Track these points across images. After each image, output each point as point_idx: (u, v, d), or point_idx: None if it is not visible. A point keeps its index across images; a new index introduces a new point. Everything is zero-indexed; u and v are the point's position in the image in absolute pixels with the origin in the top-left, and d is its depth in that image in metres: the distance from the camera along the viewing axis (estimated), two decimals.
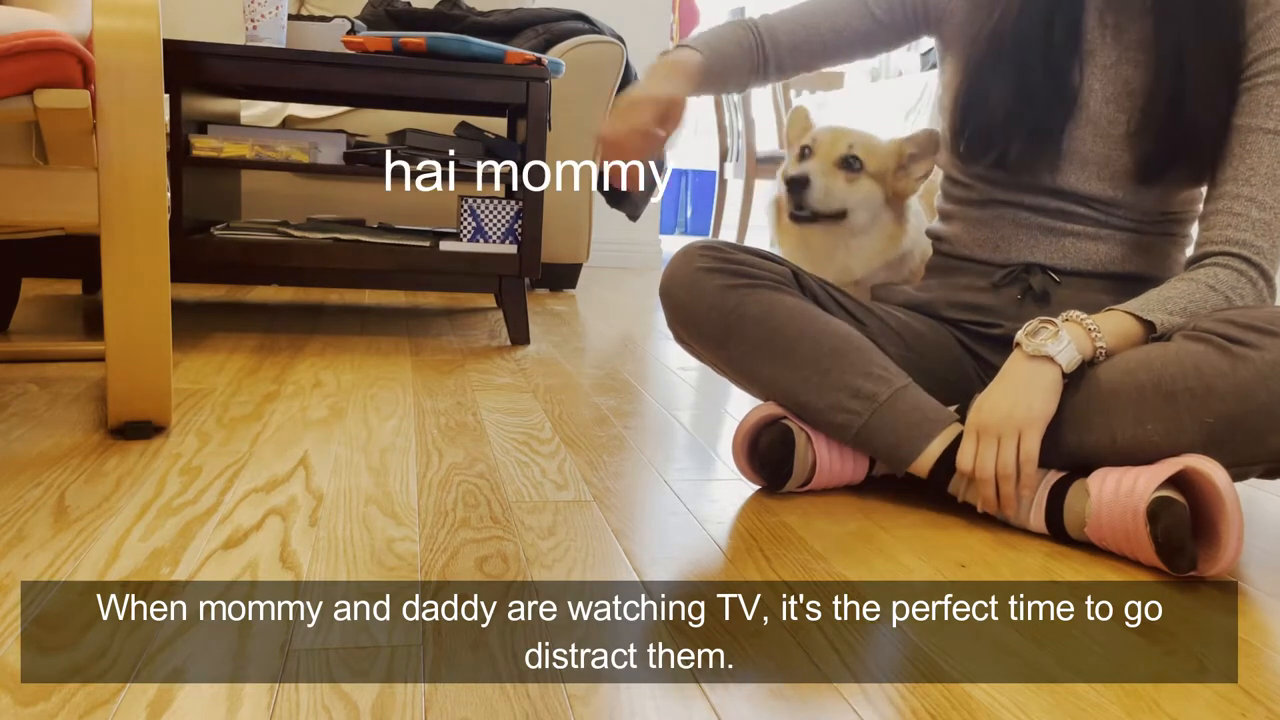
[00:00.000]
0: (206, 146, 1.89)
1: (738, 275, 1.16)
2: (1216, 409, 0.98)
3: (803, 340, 1.14)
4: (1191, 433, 0.99)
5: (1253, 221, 1.07)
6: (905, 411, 1.11)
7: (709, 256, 1.18)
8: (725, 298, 1.15)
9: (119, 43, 1.16)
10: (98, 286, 2.46)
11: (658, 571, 0.93)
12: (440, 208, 2.76)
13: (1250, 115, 1.09)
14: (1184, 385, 0.99)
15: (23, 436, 1.24)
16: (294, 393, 1.53)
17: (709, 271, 1.17)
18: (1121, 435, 1.03)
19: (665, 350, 2.11)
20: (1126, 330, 1.07)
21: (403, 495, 1.09)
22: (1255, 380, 0.96)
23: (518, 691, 0.70)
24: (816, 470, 1.15)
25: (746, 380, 1.19)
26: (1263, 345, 0.96)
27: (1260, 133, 1.08)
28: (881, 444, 1.12)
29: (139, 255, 1.20)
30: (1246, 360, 0.96)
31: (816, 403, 1.13)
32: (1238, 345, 0.97)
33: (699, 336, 1.19)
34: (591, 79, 2.72)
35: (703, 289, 1.16)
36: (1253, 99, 1.09)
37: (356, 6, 3.03)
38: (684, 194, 6.70)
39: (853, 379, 1.12)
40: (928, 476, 1.11)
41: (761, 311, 1.15)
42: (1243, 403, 0.97)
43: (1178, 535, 0.95)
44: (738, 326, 1.15)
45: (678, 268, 1.19)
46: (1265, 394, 0.96)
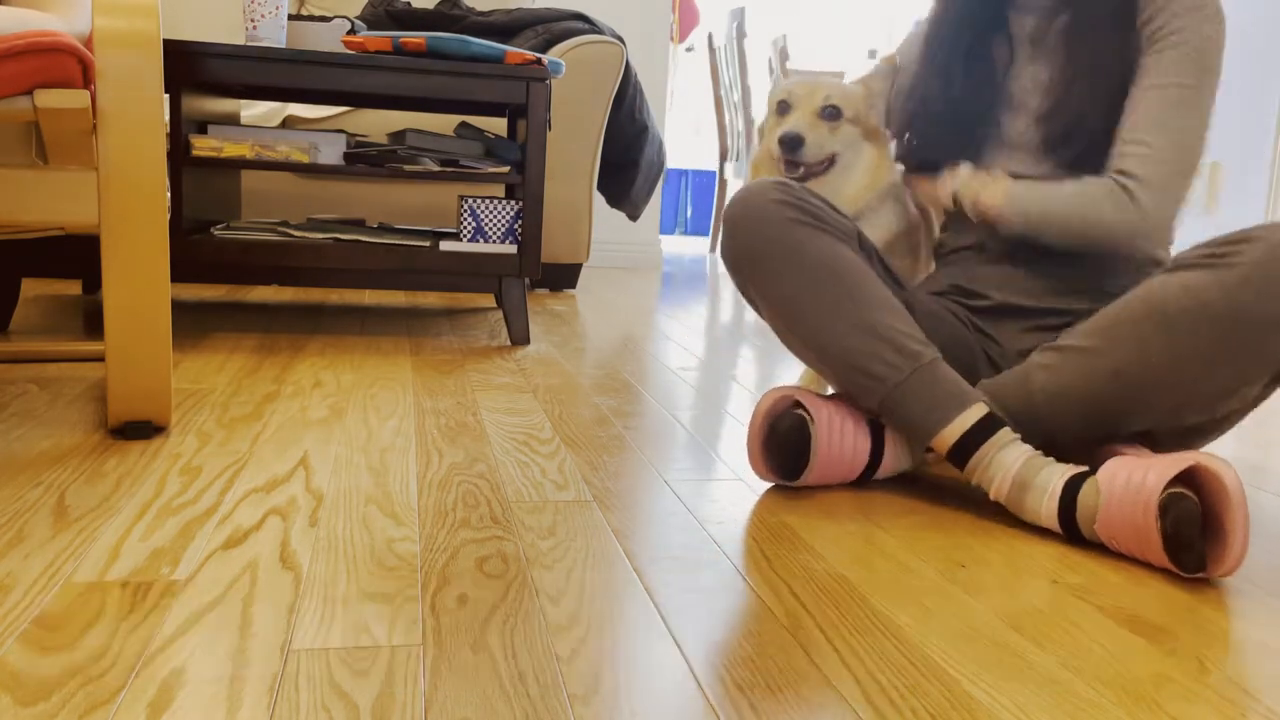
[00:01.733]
0: (206, 146, 1.89)
1: (809, 215, 1.18)
2: (1210, 316, 1.02)
3: (859, 289, 1.16)
4: (1193, 349, 1.03)
5: (1137, 157, 1.19)
6: (943, 379, 1.12)
7: (782, 191, 1.19)
8: (793, 231, 1.17)
9: (119, 43, 1.16)
10: (98, 286, 2.46)
11: (657, 571, 0.93)
12: (440, 208, 2.76)
13: (1143, 77, 1.22)
14: (1178, 306, 1.04)
15: (23, 436, 1.24)
16: (294, 393, 1.53)
17: (782, 204, 1.18)
18: (1127, 367, 1.07)
19: (665, 350, 2.11)
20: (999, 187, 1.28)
21: (403, 495, 1.09)
22: (1240, 281, 1.00)
23: (518, 691, 0.70)
24: (817, 460, 1.16)
25: (794, 317, 1.18)
26: (1241, 251, 1.02)
27: (1150, 89, 1.21)
28: (915, 406, 1.12)
29: (139, 255, 1.20)
30: (1230, 266, 1.01)
31: (861, 349, 1.14)
32: (1219, 259, 1.03)
33: (759, 266, 1.19)
34: (591, 79, 2.72)
35: (773, 219, 1.18)
36: (1144, 66, 1.22)
37: (356, 6, 3.03)
38: (684, 194, 6.70)
39: (899, 336, 1.14)
40: (948, 452, 1.12)
41: (824, 254, 1.17)
42: (1233, 305, 1.01)
43: (1187, 530, 0.95)
44: (801, 261, 1.17)
45: (750, 197, 1.20)
46: (1252, 293, 1.00)
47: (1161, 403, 1.07)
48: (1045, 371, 1.13)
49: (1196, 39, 1.19)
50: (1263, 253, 1.00)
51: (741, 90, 4.62)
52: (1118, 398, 1.08)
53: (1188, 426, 1.14)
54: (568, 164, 2.82)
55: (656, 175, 3.07)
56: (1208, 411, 1.08)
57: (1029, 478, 1.07)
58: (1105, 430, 1.12)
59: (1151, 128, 1.19)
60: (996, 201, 1.27)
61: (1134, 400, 1.07)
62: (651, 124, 2.96)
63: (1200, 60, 1.19)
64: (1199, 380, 1.04)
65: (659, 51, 3.71)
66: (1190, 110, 1.19)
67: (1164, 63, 1.20)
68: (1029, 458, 1.08)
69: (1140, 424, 1.11)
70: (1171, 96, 1.19)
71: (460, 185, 2.77)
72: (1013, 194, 1.26)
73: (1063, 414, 1.12)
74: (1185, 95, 1.19)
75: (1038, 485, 1.06)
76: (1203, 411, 1.08)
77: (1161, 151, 1.18)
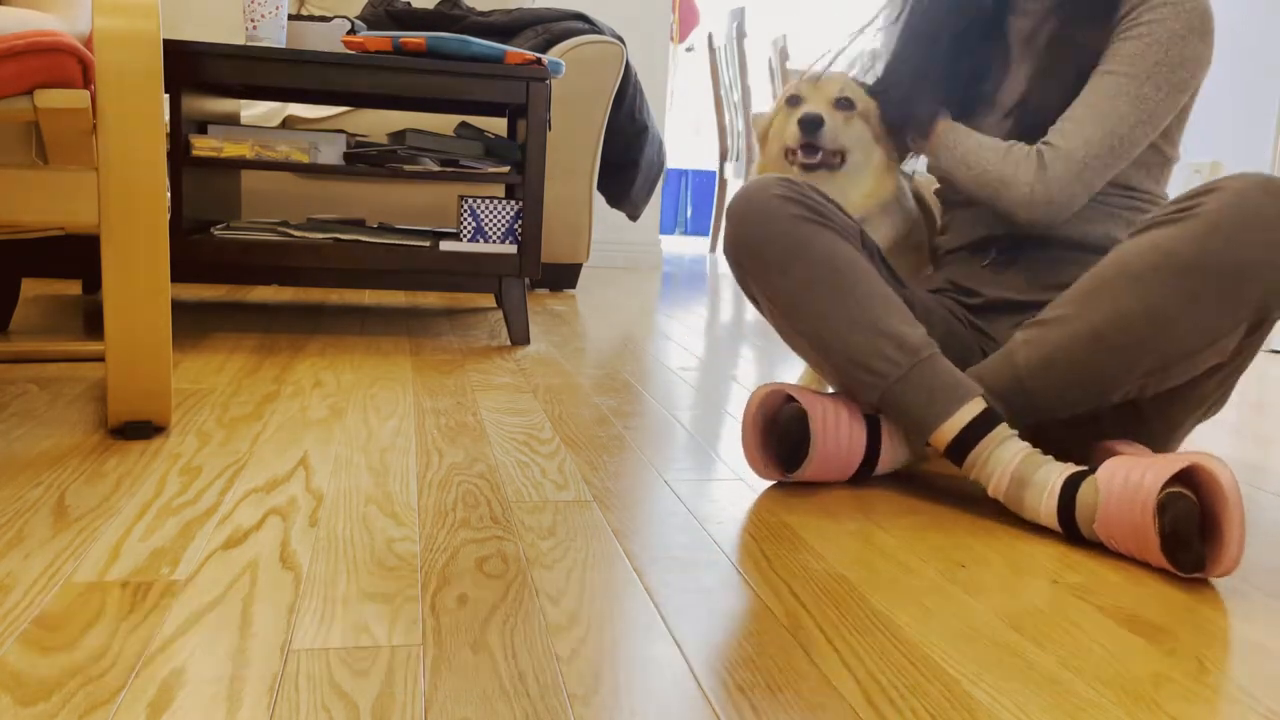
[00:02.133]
0: (206, 146, 1.89)
1: (813, 211, 1.19)
2: (1178, 266, 1.03)
3: (860, 284, 1.16)
4: (1166, 301, 1.04)
5: (1062, 131, 1.23)
6: (941, 372, 1.13)
7: (786, 187, 1.20)
8: (797, 227, 1.18)
9: (119, 43, 1.16)
10: (98, 286, 2.46)
11: (658, 571, 0.93)
12: (440, 208, 2.76)
13: (1100, 63, 1.24)
14: (1146, 262, 1.05)
15: (23, 436, 1.24)
16: (294, 393, 1.53)
17: (785, 200, 1.19)
18: (1105, 328, 1.08)
19: (665, 350, 2.11)
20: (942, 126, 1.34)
21: (403, 495, 1.09)
22: (1206, 229, 1.02)
23: (518, 691, 0.70)
24: (815, 453, 1.16)
25: (796, 312, 1.18)
26: (1203, 202, 1.03)
27: (1098, 74, 1.24)
28: (914, 400, 1.13)
29: (139, 255, 1.20)
30: (1194, 216, 1.03)
31: (862, 344, 1.14)
32: (1184, 212, 1.05)
33: (762, 261, 1.19)
34: (591, 79, 2.72)
35: (776, 214, 1.18)
36: (1106, 53, 1.24)
37: (356, 6, 3.03)
38: (684, 194, 6.70)
39: (900, 329, 1.14)
40: (946, 449, 1.12)
41: (827, 249, 1.17)
42: (1200, 252, 1.02)
43: (1185, 528, 0.95)
44: (804, 255, 1.17)
45: (754, 192, 1.21)
46: (1220, 239, 1.01)
47: (1141, 363, 1.08)
48: (1028, 346, 1.14)
49: (1161, 33, 1.20)
50: (1227, 200, 1.01)
51: (741, 90, 4.62)
52: (1100, 361, 1.09)
53: (1174, 394, 1.14)
54: (568, 164, 2.82)
55: (656, 175, 3.07)
56: (1190, 367, 1.08)
57: (1028, 475, 1.07)
58: (1093, 400, 1.13)
59: (1084, 108, 1.23)
60: (935, 134, 1.33)
61: (1116, 362, 1.08)
62: (651, 124, 2.97)
63: (1157, 54, 1.20)
64: (1175, 333, 1.05)
65: (659, 51, 3.71)
66: (1126, 98, 1.21)
67: (1119, 51, 1.22)
68: (1027, 454, 1.08)
69: (1125, 387, 1.11)
70: (1111, 84, 1.22)
71: (460, 185, 2.77)
72: (945, 132, 1.32)
73: (1049, 386, 1.12)
74: (1126, 84, 1.21)
75: (1036, 482, 1.07)
76: (1185, 367, 1.08)
77: (1085, 129, 1.21)
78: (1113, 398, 1.13)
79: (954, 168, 1.30)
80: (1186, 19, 1.19)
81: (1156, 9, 1.20)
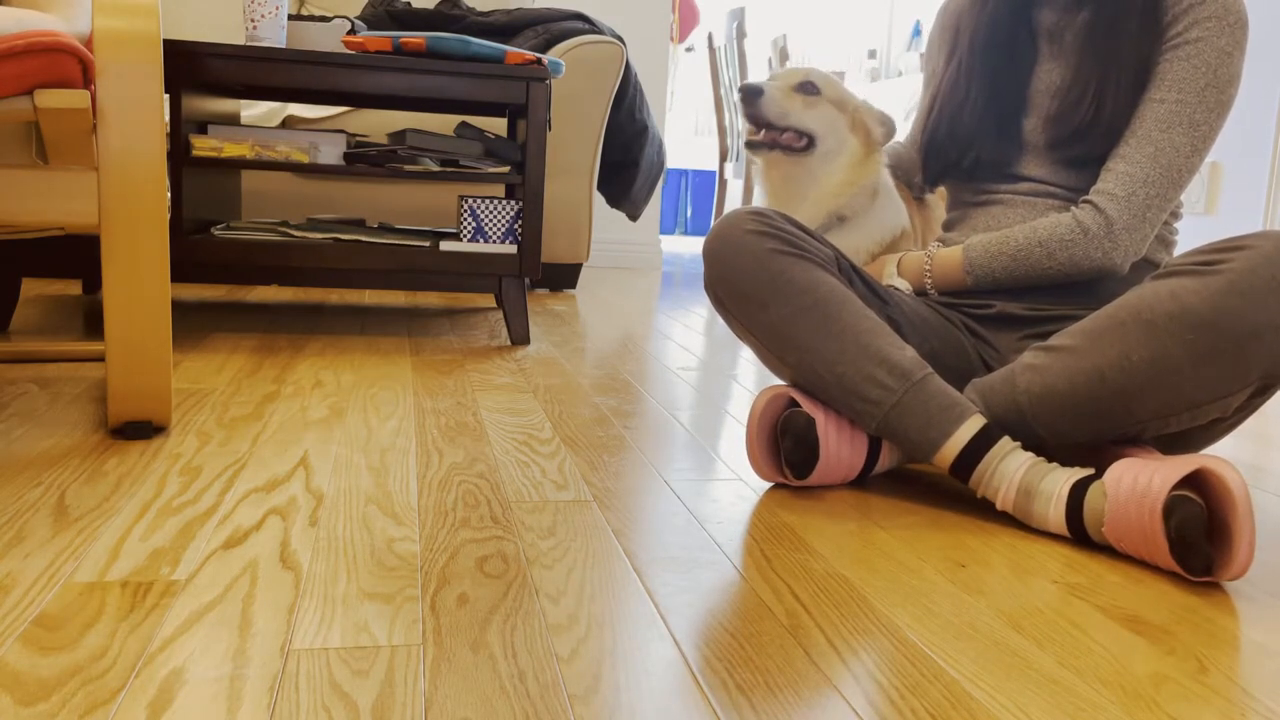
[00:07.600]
0: (206, 146, 1.89)
1: (786, 243, 1.18)
2: (1193, 321, 1.01)
3: (844, 313, 1.16)
4: (1175, 354, 1.02)
5: (1118, 175, 1.22)
6: (937, 393, 1.12)
7: (758, 221, 1.19)
8: (772, 261, 1.17)
9: (119, 43, 1.16)
10: (98, 286, 2.46)
11: (658, 571, 0.93)
12: (440, 208, 2.76)
13: (1151, 87, 1.22)
14: (1162, 310, 1.03)
15: (23, 436, 1.24)
16: (294, 393, 1.53)
17: (759, 235, 1.18)
18: (1109, 370, 1.06)
19: (665, 350, 2.11)
20: (953, 263, 1.32)
21: (403, 495, 1.09)
22: (1226, 288, 1.00)
23: (518, 691, 0.70)
24: (820, 461, 1.16)
25: (782, 346, 1.17)
26: (1230, 259, 1.01)
27: (1149, 102, 1.22)
28: (912, 424, 1.12)
29: (139, 255, 1.20)
30: (1217, 273, 1.01)
31: (852, 374, 1.14)
32: (1207, 266, 1.02)
33: (742, 298, 1.19)
34: (591, 79, 2.72)
35: (751, 250, 1.18)
36: (1156, 73, 1.22)
37: (356, 6, 3.03)
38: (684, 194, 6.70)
39: (890, 354, 1.13)
40: (951, 465, 1.11)
41: (807, 281, 1.16)
42: (1216, 310, 1.00)
43: (1192, 531, 0.94)
44: (784, 290, 1.16)
45: (726, 229, 1.20)
46: (1238, 299, 0.99)
47: (1143, 408, 1.06)
48: (1031, 372, 1.12)
49: (1210, 52, 1.18)
50: (1252, 262, 0.99)
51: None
52: (1100, 400, 1.07)
53: (1173, 436, 1.13)
54: (568, 164, 2.82)
55: (656, 175, 3.07)
56: (1190, 419, 1.06)
57: (1034, 484, 1.07)
58: (1091, 434, 1.11)
59: (1139, 144, 1.21)
60: (957, 278, 1.32)
61: (1116, 403, 1.06)
62: (651, 124, 2.97)
63: (1208, 74, 1.19)
64: (1181, 386, 1.03)
65: (659, 51, 3.71)
66: (1181, 129, 1.19)
67: (1171, 74, 1.20)
68: (1032, 464, 1.08)
69: (1124, 428, 1.09)
70: (1165, 113, 1.20)
71: (460, 185, 2.77)
72: (972, 264, 1.30)
73: (1047, 415, 1.11)
74: (1180, 112, 1.19)
75: (1043, 491, 1.06)
76: (1185, 418, 1.06)
77: (1143, 169, 1.20)
78: (1108, 436, 1.11)
79: (1005, 285, 1.29)
80: (1231, 33, 1.18)
81: (1203, 23, 1.18)
